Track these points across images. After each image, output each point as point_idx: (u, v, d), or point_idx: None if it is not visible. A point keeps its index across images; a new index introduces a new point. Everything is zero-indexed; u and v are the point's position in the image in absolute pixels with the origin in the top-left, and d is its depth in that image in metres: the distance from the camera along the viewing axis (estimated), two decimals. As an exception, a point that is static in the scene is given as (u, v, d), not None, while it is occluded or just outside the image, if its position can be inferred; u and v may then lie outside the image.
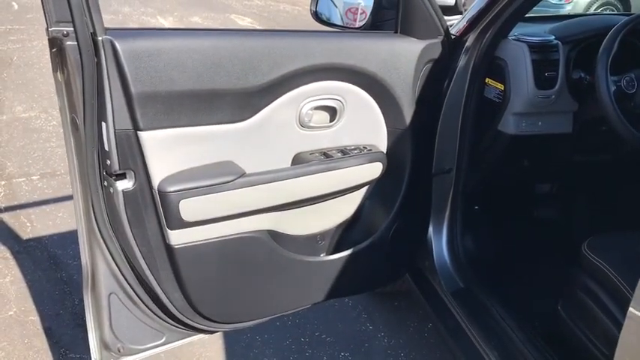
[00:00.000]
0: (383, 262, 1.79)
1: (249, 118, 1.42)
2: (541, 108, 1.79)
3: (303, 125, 1.52)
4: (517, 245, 2.11)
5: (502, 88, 1.79)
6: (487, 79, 1.84)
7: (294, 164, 1.54)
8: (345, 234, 1.76)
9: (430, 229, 1.97)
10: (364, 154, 1.62)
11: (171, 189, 1.32)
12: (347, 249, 1.70)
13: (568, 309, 1.64)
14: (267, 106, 1.44)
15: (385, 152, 1.69)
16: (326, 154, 1.58)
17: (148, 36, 1.28)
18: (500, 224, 2.13)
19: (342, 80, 1.54)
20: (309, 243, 1.69)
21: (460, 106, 1.84)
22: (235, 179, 1.40)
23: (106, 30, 1.21)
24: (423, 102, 1.68)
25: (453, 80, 1.79)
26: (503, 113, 1.81)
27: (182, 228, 1.37)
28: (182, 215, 1.34)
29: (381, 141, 1.69)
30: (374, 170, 1.65)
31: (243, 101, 1.39)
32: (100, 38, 1.19)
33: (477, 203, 2.08)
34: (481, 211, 2.07)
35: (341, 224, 1.75)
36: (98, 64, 1.21)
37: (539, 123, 1.83)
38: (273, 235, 1.56)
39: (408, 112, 1.65)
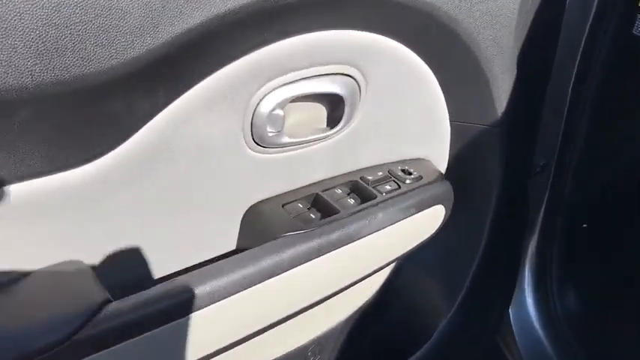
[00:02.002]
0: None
1: (111, 148, 0.52)
2: None
3: (261, 142, 0.62)
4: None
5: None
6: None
7: (247, 236, 0.65)
8: (361, 338, 0.89)
9: None
10: (409, 191, 0.72)
11: None
12: None
13: None
14: (160, 110, 0.53)
15: (445, 172, 0.80)
16: (320, 202, 0.68)
17: None
18: (628, 254, 1.24)
19: (355, 27, 0.61)
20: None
21: (576, 53, 0.93)
22: (69, 336, 0.50)
23: None
24: (531, 59, 0.76)
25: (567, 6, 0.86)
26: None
27: None
28: None
29: (438, 151, 0.79)
30: (429, 222, 0.76)
31: (86, 109, 0.48)
32: None
33: (584, 219, 1.19)
34: (592, 232, 1.20)
35: (350, 318, 0.88)
36: None
37: None
38: None
39: (502, 85, 0.73)
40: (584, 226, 1.20)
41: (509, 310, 1.14)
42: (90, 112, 0.49)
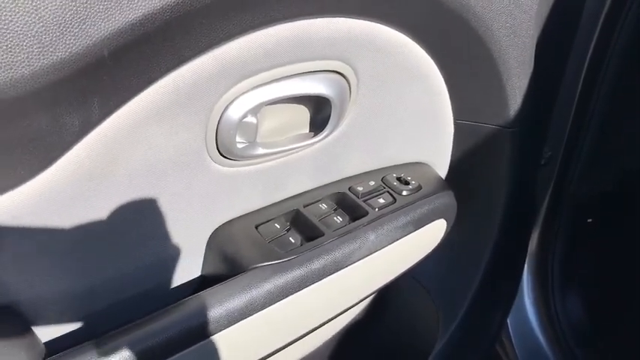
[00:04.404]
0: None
1: (35, 173, 0.41)
2: None
3: (229, 155, 0.51)
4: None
5: None
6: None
7: (211, 267, 0.55)
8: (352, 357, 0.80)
9: None
10: (406, 205, 0.62)
11: None
12: None
13: None
14: (94, 126, 0.42)
15: (446, 177, 0.70)
16: (301, 221, 0.58)
17: None
18: (633, 253, 1.16)
19: (344, 13, 0.50)
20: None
21: (591, 40, 0.82)
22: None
23: None
24: (550, 50, 0.65)
25: None
26: None
27: None
28: None
29: (439, 154, 0.68)
30: (428, 238, 0.66)
31: None
32: None
33: (590, 213, 1.10)
34: (597, 228, 1.10)
35: (336, 337, 0.78)
36: None
37: None
38: None
39: (517, 81, 0.62)
40: (589, 220, 1.11)
41: (509, 318, 1.06)
42: (4, 132, 0.37)
